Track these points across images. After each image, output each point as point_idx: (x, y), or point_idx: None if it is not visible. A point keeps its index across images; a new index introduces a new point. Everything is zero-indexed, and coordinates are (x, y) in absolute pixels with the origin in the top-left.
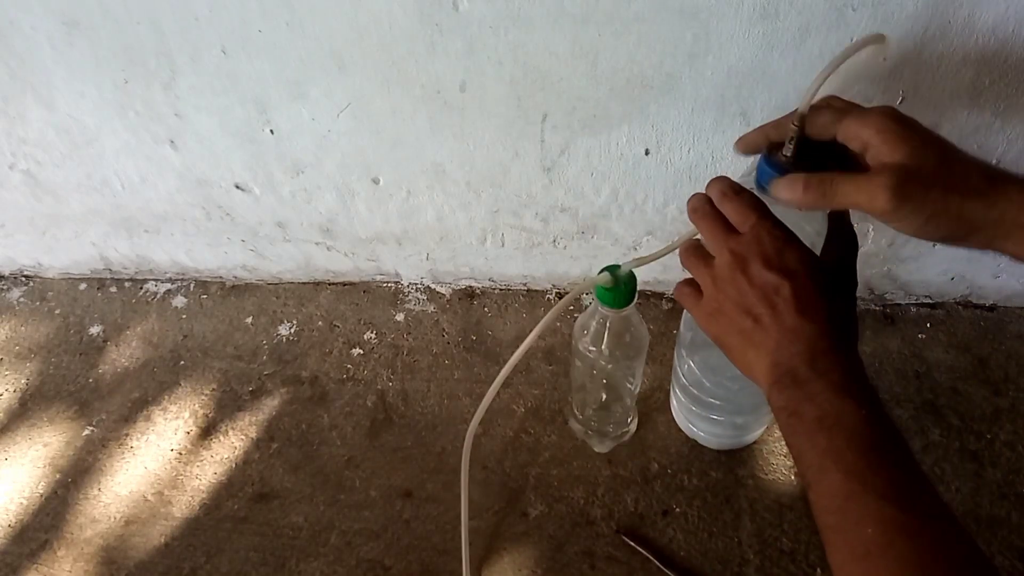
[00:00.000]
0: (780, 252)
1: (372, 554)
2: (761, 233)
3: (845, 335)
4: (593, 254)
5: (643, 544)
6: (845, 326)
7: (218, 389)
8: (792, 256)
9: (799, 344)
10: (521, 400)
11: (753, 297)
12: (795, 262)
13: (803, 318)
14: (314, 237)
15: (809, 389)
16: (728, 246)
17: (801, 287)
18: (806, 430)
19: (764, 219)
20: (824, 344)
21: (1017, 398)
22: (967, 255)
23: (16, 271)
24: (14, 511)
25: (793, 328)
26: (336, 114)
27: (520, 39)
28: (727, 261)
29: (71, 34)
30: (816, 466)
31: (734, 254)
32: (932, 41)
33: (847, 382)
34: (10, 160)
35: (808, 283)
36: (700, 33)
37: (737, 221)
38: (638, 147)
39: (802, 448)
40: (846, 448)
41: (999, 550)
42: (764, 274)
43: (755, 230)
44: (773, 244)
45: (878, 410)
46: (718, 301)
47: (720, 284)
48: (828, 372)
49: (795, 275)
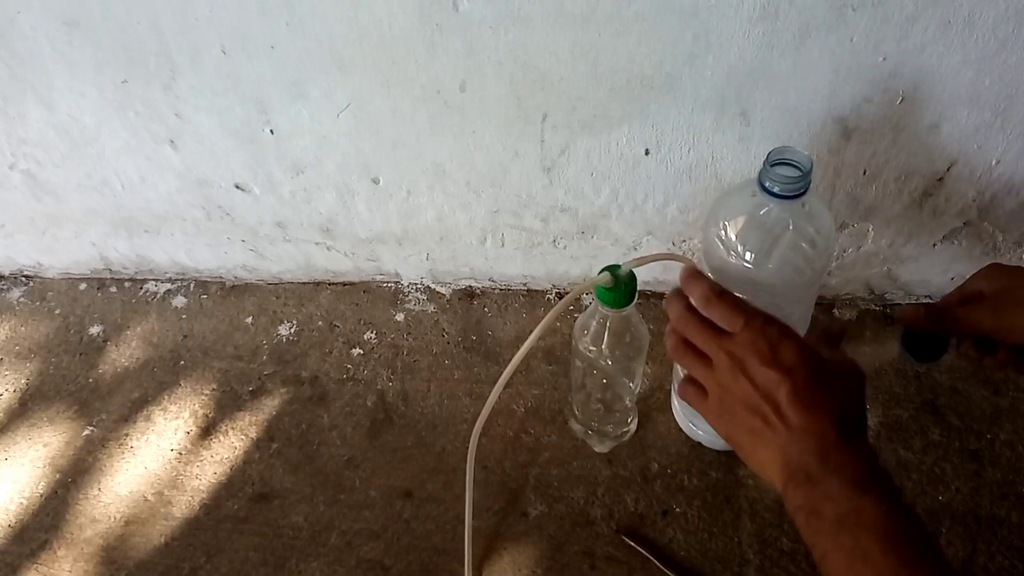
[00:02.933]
0: (776, 349)
1: (372, 554)
2: (754, 333)
3: (853, 426)
4: (593, 254)
5: (643, 544)
6: (852, 416)
7: (218, 389)
8: (789, 351)
9: (808, 441)
10: (521, 400)
11: (757, 397)
12: (792, 357)
13: (807, 414)
14: (314, 237)
15: (825, 487)
16: (725, 349)
17: (802, 382)
18: (828, 530)
19: (754, 318)
20: (833, 438)
21: (1017, 398)
22: (967, 255)
23: (16, 271)
24: (14, 511)
25: (800, 425)
26: (336, 114)
27: (520, 39)
28: (727, 364)
29: (71, 34)
30: (843, 565)
31: (732, 356)
32: (932, 41)
33: (863, 476)
34: (10, 160)
35: (808, 377)
36: (700, 33)
37: (727, 324)
38: (638, 147)
39: (825, 549)
40: (873, 547)
41: (999, 550)
42: (763, 372)
43: (747, 331)
44: (768, 342)
45: (898, 501)
46: (724, 402)
47: (724, 385)
48: (841, 467)
49: (794, 371)
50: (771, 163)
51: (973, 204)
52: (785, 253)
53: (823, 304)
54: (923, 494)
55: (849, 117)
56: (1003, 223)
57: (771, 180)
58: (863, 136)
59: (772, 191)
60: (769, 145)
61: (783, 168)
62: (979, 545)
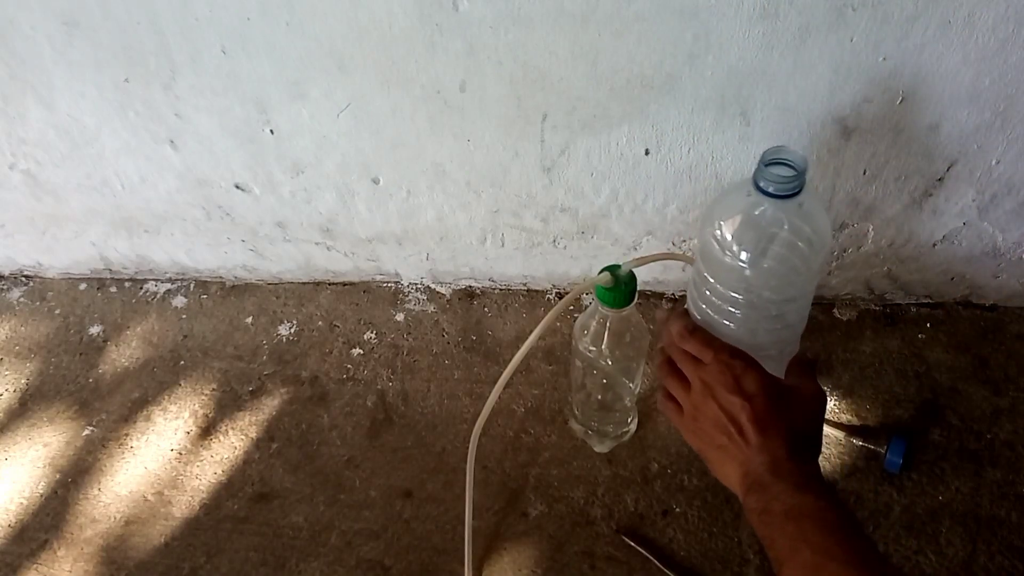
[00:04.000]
0: (739, 379)
1: (372, 554)
2: (721, 364)
3: (804, 447)
4: (593, 254)
5: (643, 544)
6: (804, 439)
7: (218, 389)
8: (750, 381)
9: (763, 455)
10: (521, 400)
11: (724, 419)
12: (753, 386)
13: (764, 435)
14: (314, 237)
15: (774, 490)
16: (699, 375)
17: (761, 408)
18: (776, 522)
19: (720, 352)
20: (784, 455)
21: (1017, 398)
22: (967, 255)
23: (16, 271)
24: (14, 511)
25: (757, 444)
26: (336, 114)
27: (520, 39)
28: (699, 388)
29: (71, 34)
30: (787, 547)
31: (704, 383)
32: (932, 41)
33: (806, 482)
34: (10, 160)
35: (766, 404)
36: (700, 33)
37: (699, 356)
38: (638, 147)
39: (774, 537)
40: (812, 530)
41: (999, 550)
42: (728, 398)
43: (715, 363)
44: (732, 373)
45: (835, 500)
46: (697, 420)
47: (696, 407)
48: (789, 476)
49: (754, 398)
50: (766, 163)
51: (973, 204)
52: (781, 252)
53: (823, 304)
54: (923, 494)
55: (849, 117)
56: (1003, 223)
57: (766, 180)
58: (863, 136)
59: (767, 191)
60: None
61: (778, 168)
62: (979, 545)
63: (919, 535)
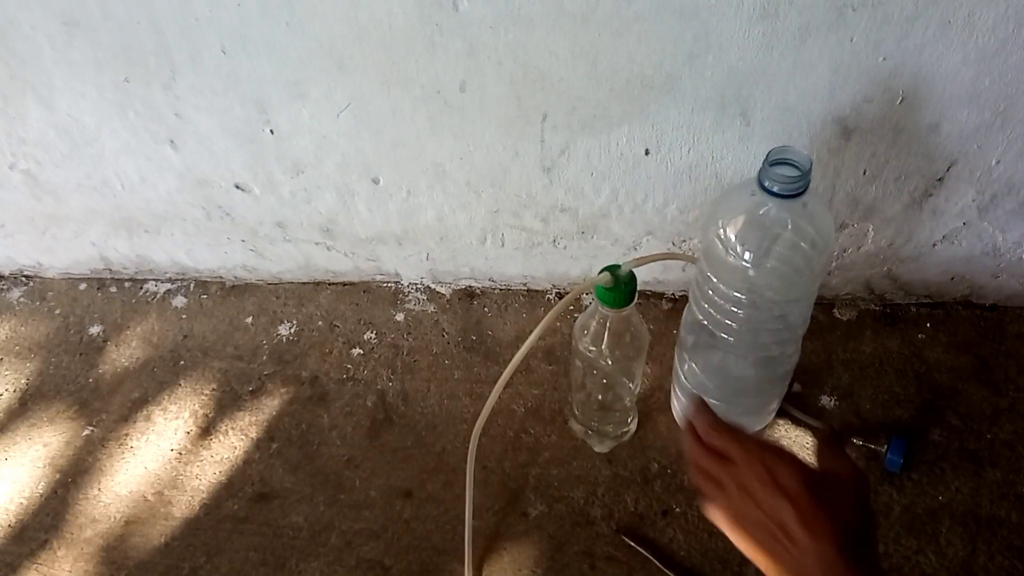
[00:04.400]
0: (774, 474)
1: (372, 554)
2: (752, 460)
3: (859, 543)
4: (593, 254)
5: (643, 544)
6: (855, 531)
7: (218, 389)
8: (787, 476)
9: (813, 560)
10: (521, 400)
11: (765, 519)
12: (792, 482)
13: (811, 537)
14: (314, 237)
15: None
16: (732, 477)
17: (804, 506)
18: None
19: (749, 446)
20: (835, 557)
21: (1017, 398)
22: (967, 255)
23: (16, 271)
24: (14, 511)
25: (805, 548)
26: (336, 114)
27: (520, 39)
28: (735, 490)
29: (71, 34)
30: None
31: (740, 485)
32: (932, 41)
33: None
34: (10, 160)
35: (810, 501)
36: (700, 33)
37: (727, 453)
38: (638, 147)
39: None
40: None
41: (999, 550)
42: (768, 499)
43: (745, 460)
44: (766, 467)
45: None
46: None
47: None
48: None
49: (796, 496)
50: (770, 162)
51: (973, 204)
52: (784, 252)
53: (823, 304)
54: (923, 494)
55: (849, 117)
56: (1003, 223)
57: (770, 179)
58: (863, 136)
59: (771, 190)
60: (769, 145)
61: (783, 168)
62: (979, 545)
63: (919, 535)
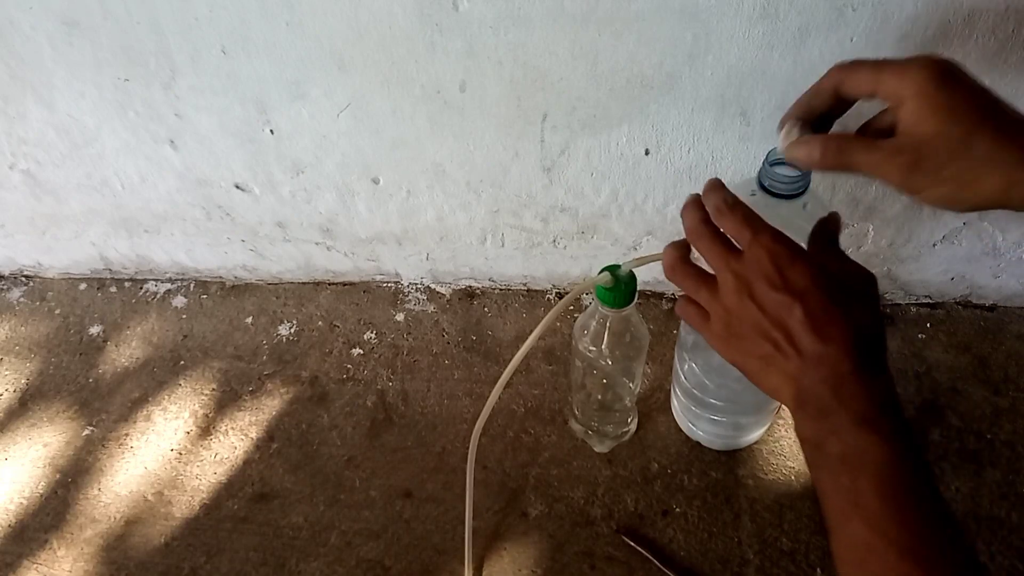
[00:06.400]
0: (783, 270)
1: (372, 554)
2: (760, 252)
3: (870, 350)
4: (593, 254)
5: (643, 544)
6: (869, 337)
7: (218, 389)
8: (798, 273)
9: (822, 370)
10: (521, 400)
11: (767, 322)
12: (803, 280)
13: (821, 340)
14: (314, 237)
15: (833, 421)
16: (731, 268)
17: (815, 307)
18: (829, 467)
19: (760, 234)
20: (848, 367)
21: (1017, 398)
22: (967, 255)
23: (16, 271)
24: (14, 511)
25: (813, 353)
26: (336, 114)
27: (520, 39)
28: (732, 286)
29: (71, 34)
30: (838, 512)
31: (738, 277)
32: (932, 41)
33: (872, 412)
34: (10, 160)
35: (822, 301)
36: (700, 33)
37: (735, 238)
38: (638, 147)
39: (825, 488)
40: (869, 492)
41: (999, 550)
42: (772, 296)
43: (753, 249)
44: (775, 262)
45: (905, 443)
46: (731, 327)
47: (729, 309)
48: (852, 400)
49: (806, 295)
50: (770, 162)
51: None
52: None
53: None
54: None
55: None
56: (1003, 223)
57: (770, 179)
58: None
59: (771, 190)
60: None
61: (783, 167)
62: (979, 545)
63: None
